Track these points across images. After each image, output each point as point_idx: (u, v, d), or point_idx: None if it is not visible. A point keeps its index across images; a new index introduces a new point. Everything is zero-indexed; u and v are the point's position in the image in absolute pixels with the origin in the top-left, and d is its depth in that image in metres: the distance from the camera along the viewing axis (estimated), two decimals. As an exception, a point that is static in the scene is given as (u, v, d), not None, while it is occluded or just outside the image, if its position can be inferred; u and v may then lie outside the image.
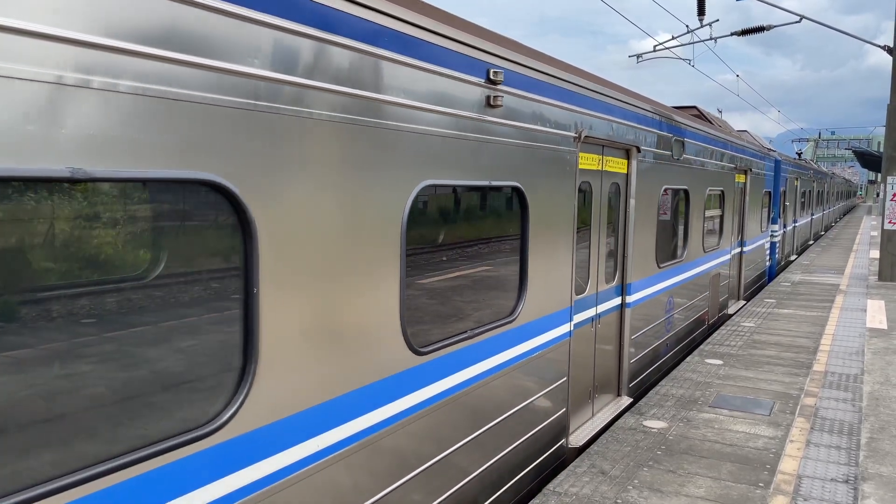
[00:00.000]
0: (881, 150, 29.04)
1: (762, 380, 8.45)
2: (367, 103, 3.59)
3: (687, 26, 20.24)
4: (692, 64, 22.19)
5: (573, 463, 5.90)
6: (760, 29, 20.34)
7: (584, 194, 6.58)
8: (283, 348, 3.17)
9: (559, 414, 6.19)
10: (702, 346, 10.08)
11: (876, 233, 33.16)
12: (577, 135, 6.05)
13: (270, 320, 3.08)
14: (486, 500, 5.07)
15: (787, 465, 5.90)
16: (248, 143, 2.91)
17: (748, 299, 15.58)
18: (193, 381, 2.82)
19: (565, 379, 6.25)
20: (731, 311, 13.82)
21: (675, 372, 8.73)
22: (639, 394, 8.44)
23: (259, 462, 3.08)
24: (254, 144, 2.94)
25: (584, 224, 6.60)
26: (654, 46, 21.59)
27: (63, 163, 2.23)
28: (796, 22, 19.63)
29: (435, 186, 4.23)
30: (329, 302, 3.44)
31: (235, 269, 2.94)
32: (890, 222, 16.58)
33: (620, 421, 6.92)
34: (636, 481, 5.56)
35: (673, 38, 21.08)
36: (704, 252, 11.10)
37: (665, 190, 8.77)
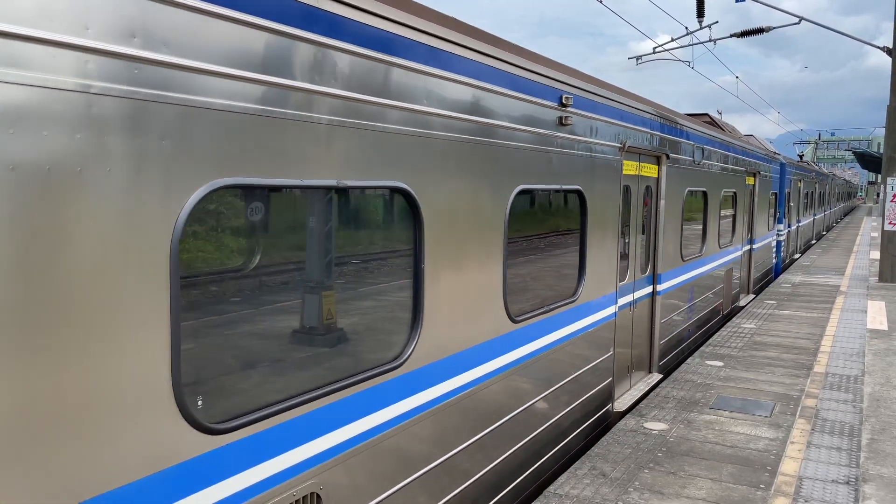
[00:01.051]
0: (881, 150, 29.05)
1: (763, 381, 8.45)
2: (487, 128, 4.77)
3: (686, 28, 20.27)
4: (691, 65, 22.21)
5: (574, 465, 5.91)
6: (760, 30, 20.36)
7: (626, 196, 7.64)
8: (437, 310, 4.36)
9: (606, 382, 7.30)
10: (702, 348, 10.08)
11: (876, 234, 33.16)
12: (621, 145, 7.18)
13: (430, 289, 4.28)
14: (557, 446, 6.29)
15: (788, 466, 5.90)
16: (419, 159, 4.09)
17: (757, 293, 16.55)
18: (390, 330, 4.07)
19: (611, 353, 7.35)
20: (742, 303, 14.83)
21: (675, 374, 8.73)
22: (666, 371, 9.48)
23: (424, 391, 4.29)
24: (421, 160, 4.11)
25: (625, 221, 7.66)
26: (654, 48, 21.61)
27: (333, 177, 3.48)
28: (796, 23, 19.65)
29: (524, 191, 5.37)
30: (462, 277, 4.62)
31: (410, 249, 4.18)
32: (890, 223, 16.58)
33: (621, 423, 6.92)
34: (637, 483, 5.56)
35: (672, 39, 21.10)
36: (720, 248, 12.17)
37: (688, 191, 9.80)
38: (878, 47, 18.10)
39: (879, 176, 27.18)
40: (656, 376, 8.88)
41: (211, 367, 3.02)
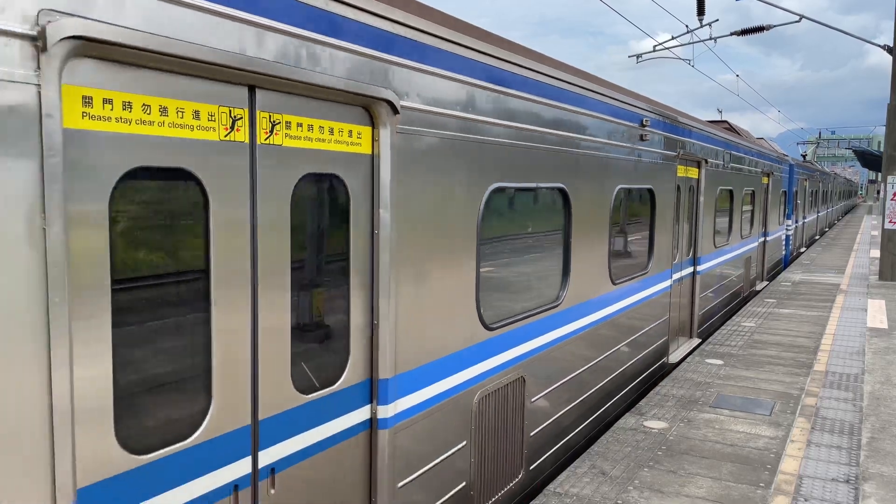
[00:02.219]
0: (881, 149, 29.01)
1: (763, 380, 8.45)
2: (603, 145, 6.78)
3: (686, 26, 20.23)
4: (692, 64, 22.18)
5: (573, 463, 5.90)
6: (760, 29, 20.33)
7: (678, 193, 9.55)
8: (577, 270, 6.41)
9: (664, 339, 9.33)
10: (702, 347, 10.08)
11: (876, 232, 33.13)
12: (677, 154, 9.16)
13: (575, 255, 6.31)
14: (638, 378, 8.44)
15: (788, 465, 5.90)
16: (569, 168, 6.06)
17: (770, 281, 18.40)
18: (556, 281, 6.16)
19: (667, 317, 9.36)
20: (758, 288, 16.73)
21: (675, 372, 8.73)
22: (703, 337, 11.60)
23: (570, 323, 6.34)
24: (571, 168, 6.09)
25: (676, 213, 9.56)
26: (654, 46, 21.58)
27: (533, 182, 5.45)
28: (796, 22, 19.62)
29: (621, 189, 7.37)
30: (588, 249, 6.60)
31: (560, 228, 6.16)
32: (890, 222, 16.57)
33: (621, 421, 6.92)
34: (637, 482, 5.56)
35: (673, 38, 21.07)
36: (742, 239, 14.15)
37: (719, 190, 11.78)
38: (879, 45, 18.08)
39: (880, 174, 27.25)
40: (696, 340, 10.85)
41: (486, 293, 5.03)
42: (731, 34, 21.02)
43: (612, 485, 5.50)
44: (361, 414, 3.91)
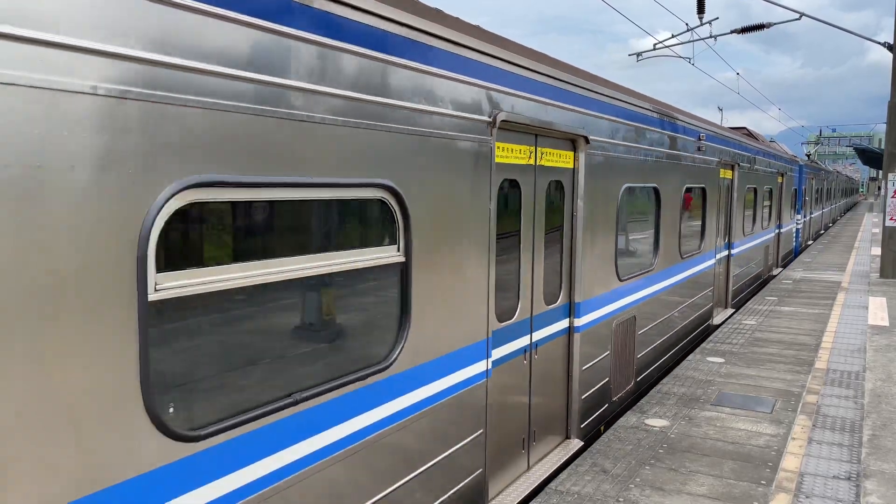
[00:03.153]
0: (882, 146, 28.97)
1: (764, 377, 8.45)
2: (678, 154, 9.06)
3: (687, 24, 20.19)
4: (692, 62, 22.15)
5: (575, 462, 5.91)
6: (760, 26, 20.29)
7: (719, 191, 11.88)
8: (662, 245, 8.85)
9: (709, 305, 11.76)
10: (703, 345, 10.08)
11: (877, 230, 33.08)
12: (719, 160, 11.55)
13: (662, 236, 8.82)
14: (693, 332, 10.89)
15: (790, 462, 5.90)
16: (660, 172, 8.54)
17: (783, 267, 20.65)
18: (647, 251, 8.67)
19: (713, 287, 11.82)
20: (773, 273, 19.12)
21: (676, 370, 8.73)
22: (735, 308, 13.90)
23: (662, 281, 8.95)
24: (661, 172, 8.54)
25: (718, 206, 11.90)
26: (654, 45, 21.55)
27: (642, 182, 7.96)
28: (796, 19, 19.59)
29: (687, 188, 9.72)
30: (667, 231, 8.98)
31: (653, 215, 8.62)
32: (891, 219, 16.54)
33: (622, 419, 6.93)
34: (638, 479, 5.56)
35: (673, 36, 21.04)
36: (763, 229, 16.68)
37: (747, 188, 14.16)
38: (880, 43, 18.06)
39: (880, 172, 27.44)
40: (730, 310, 13.34)
41: (618, 256, 7.36)
42: (732, 32, 20.99)
43: (614, 483, 5.50)
44: (565, 323, 6.37)
